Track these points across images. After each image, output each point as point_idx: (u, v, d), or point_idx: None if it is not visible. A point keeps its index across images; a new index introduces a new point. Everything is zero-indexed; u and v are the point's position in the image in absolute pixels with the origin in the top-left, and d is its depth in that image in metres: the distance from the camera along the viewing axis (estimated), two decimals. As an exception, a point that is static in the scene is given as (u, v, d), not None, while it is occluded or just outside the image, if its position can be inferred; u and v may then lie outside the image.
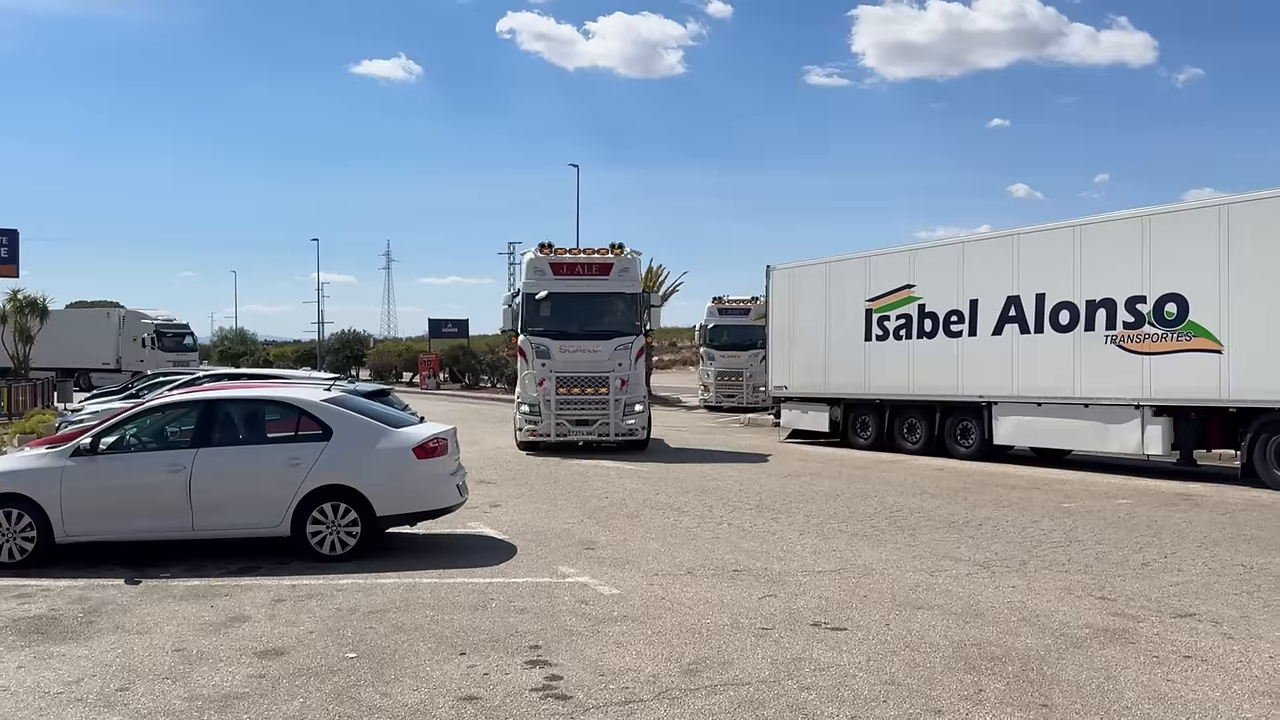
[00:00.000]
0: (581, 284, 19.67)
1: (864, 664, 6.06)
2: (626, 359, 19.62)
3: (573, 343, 19.53)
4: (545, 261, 19.78)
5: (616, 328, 19.79)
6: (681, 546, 9.87)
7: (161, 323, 53.86)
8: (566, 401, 19.42)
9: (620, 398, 19.52)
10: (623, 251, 19.94)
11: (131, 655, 6.36)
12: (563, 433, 19.47)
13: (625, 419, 19.59)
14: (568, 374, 19.45)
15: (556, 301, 19.61)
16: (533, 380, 19.48)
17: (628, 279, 19.98)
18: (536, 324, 19.61)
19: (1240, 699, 5.42)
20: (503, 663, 6.08)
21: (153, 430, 9.61)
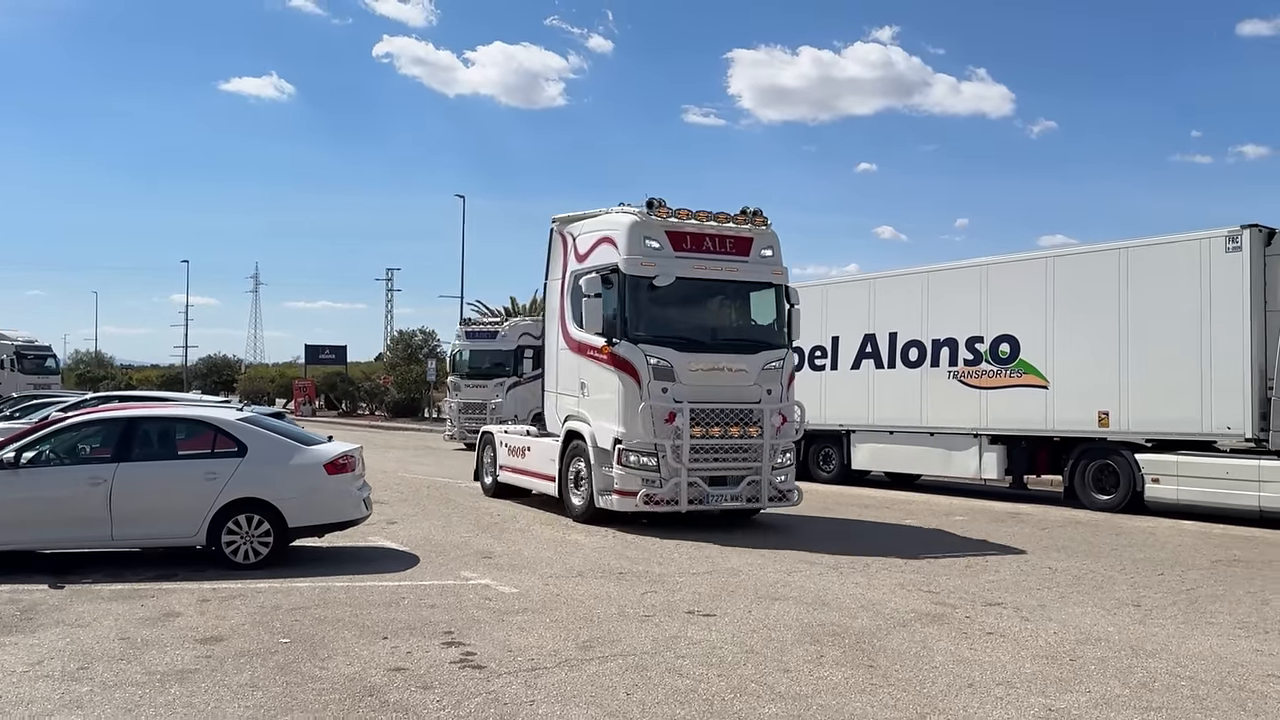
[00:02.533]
0: (714, 266, 13.18)
1: (729, 640, 7.25)
2: (778, 383, 13.21)
3: (706, 357, 12.90)
4: (659, 228, 12.91)
5: (763, 337, 13.53)
6: (571, 555, 10.93)
7: (22, 344, 51.88)
8: (704, 449, 12.55)
9: (776, 443, 12.96)
10: (765, 222, 13.55)
11: (80, 643, 7.05)
12: (698, 497, 12.54)
13: (777, 473, 13.07)
14: (703, 405, 12.54)
15: (683, 293, 13.10)
16: (649, 414, 12.32)
17: (772, 262, 13.60)
18: (648, 326, 12.78)
19: (1024, 661, 6.82)
20: (421, 644, 7.02)
21: (73, 445, 10.15)
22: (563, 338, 14.11)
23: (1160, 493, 15.13)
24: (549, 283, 14.96)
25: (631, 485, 12.44)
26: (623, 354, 12.70)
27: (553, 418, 14.52)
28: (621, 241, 12.97)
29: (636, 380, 12.56)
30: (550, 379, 14.67)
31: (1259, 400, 14.07)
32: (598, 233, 13.61)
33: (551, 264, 14.81)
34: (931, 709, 5.74)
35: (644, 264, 12.80)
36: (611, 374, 12.79)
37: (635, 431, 12.46)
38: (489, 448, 16.84)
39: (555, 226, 14.82)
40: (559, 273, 14.50)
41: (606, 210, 13.82)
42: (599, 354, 13.02)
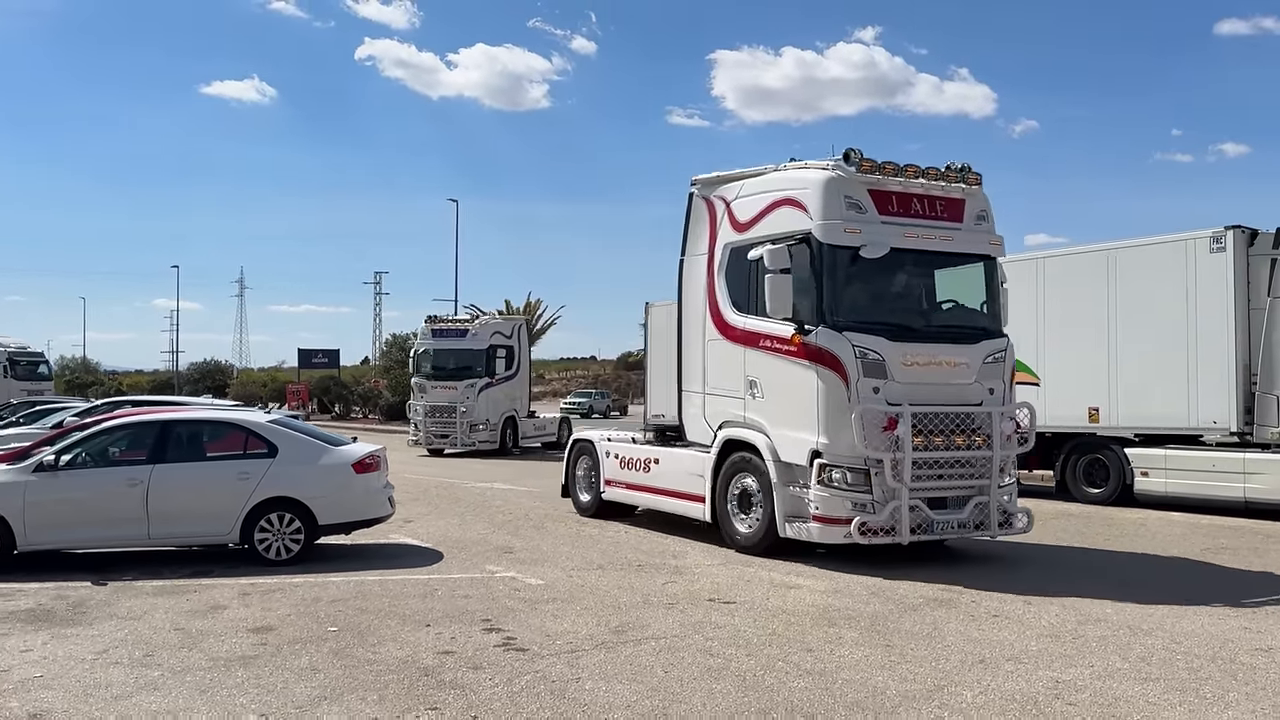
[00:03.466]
0: (925, 235, 10.59)
1: (751, 624, 7.69)
2: (1001, 381, 10.65)
3: (922, 349, 10.35)
4: (861, 186, 10.34)
5: (981, 322, 11.04)
6: (589, 549, 11.36)
7: (14, 351, 51.90)
8: (926, 464, 10.03)
9: (1006, 453, 10.43)
10: (977, 180, 10.92)
11: (138, 634, 7.43)
12: (922, 524, 9.98)
13: (1002, 492, 10.49)
14: (924, 408, 10.00)
15: (890, 268, 10.63)
16: (862, 420, 9.72)
17: (987, 230, 11.08)
18: (852, 309, 10.29)
19: (1030, 639, 7.28)
20: (463, 631, 7.44)
21: (110, 448, 10.52)
22: (713, 325, 11.47)
23: (1149, 485, 15.64)
24: (687, 259, 12.22)
25: (838, 510, 9.84)
26: (823, 345, 10.04)
27: (696, 424, 11.93)
28: (814, 202, 10.33)
29: (843, 378, 9.92)
30: (691, 377, 12.03)
31: (1243, 395, 14.60)
32: (771, 193, 10.95)
33: (691, 236, 12.19)
34: (948, 681, 6.19)
35: (847, 230, 10.17)
36: (805, 370, 10.17)
37: (842, 442, 9.83)
38: (584, 459, 14.45)
39: (696, 191, 12.17)
40: (703, 246, 11.86)
41: (777, 166, 11.20)
42: (784, 345, 10.41)
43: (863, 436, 9.73)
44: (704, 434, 11.77)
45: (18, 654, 6.90)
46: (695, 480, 11.70)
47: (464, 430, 27.69)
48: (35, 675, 6.37)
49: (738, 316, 11.22)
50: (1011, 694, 5.95)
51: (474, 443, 27.73)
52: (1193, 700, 5.86)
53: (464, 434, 27.73)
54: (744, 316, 11.12)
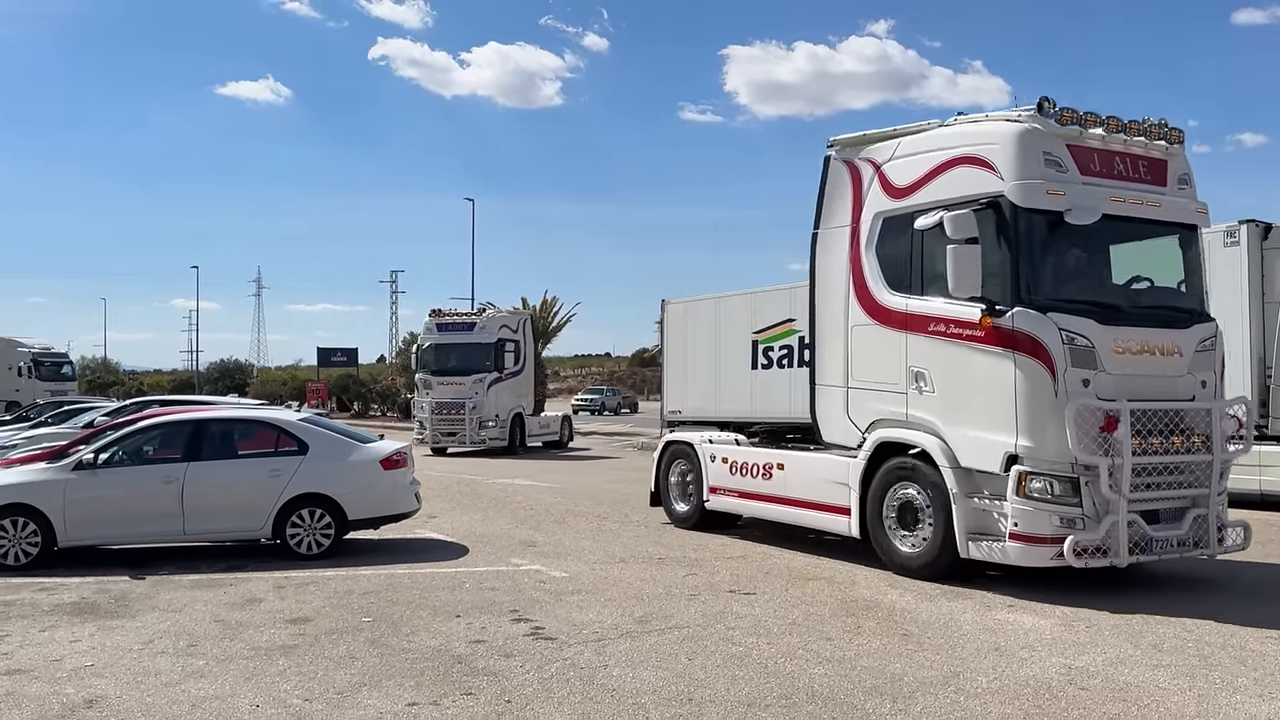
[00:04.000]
0: (1132, 199, 9.12)
1: (772, 614, 7.91)
2: (1212, 372, 9.21)
3: (1133, 333, 8.87)
4: (1059, 142, 8.88)
5: (1188, 303, 9.52)
6: (610, 543, 11.60)
7: (39, 351, 52.63)
8: (1144, 471, 8.59)
9: (1226, 457, 9.03)
10: (1179, 138, 9.48)
11: (181, 625, 7.72)
12: (1140, 541, 8.53)
13: (1219, 501, 9.08)
14: (1141, 403, 8.58)
15: (1093, 237, 9.15)
16: (1075, 419, 8.27)
17: (1190, 196, 9.56)
18: (1053, 285, 8.90)
19: (1044, 628, 7.48)
20: (493, 621, 7.69)
21: (146, 446, 10.82)
22: (860, 308, 9.95)
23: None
24: (822, 233, 10.59)
25: (1041, 527, 8.31)
26: (1023, 328, 8.45)
27: (836, 424, 10.36)
28: (1005, 159, 8.79)
29: (1047, 367, 8.38)
30: (829, 369, 10.45)
31: (1259, 388, 14.70)
32: (942, 151, 9.37)
33: (828, 206, 10.55)
34: (964, 668, 6.40)
35: (1050, 192, 8.67)
36: (997, 359, 8.58)
37: (1048, 445, 8.34)
38: (679, 463, 13.08)
39: (835, 153, 10.52)
40: (844, 217, 10.28)
41: (943, 122, 9.70)
42: (966, 330, 8.83)
43: (1077, 438, 8.21)
44: (847, 435, 10.17)
45: (67, 644, 7.19)
46: (835, 489, 10.15)
47: (473, 427, 26.92)
48: (86, 664, 6.65)
49: (895, 297, 9.61)
50: (1025, 679, 6.16)
51: (483, 440, 27.05)
52: (1202, 685, 6.04)
53: (473, 431, 26.95)
54: (905, 297, 9.50)
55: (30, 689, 6.12)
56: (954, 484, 8.90)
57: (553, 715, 5.54)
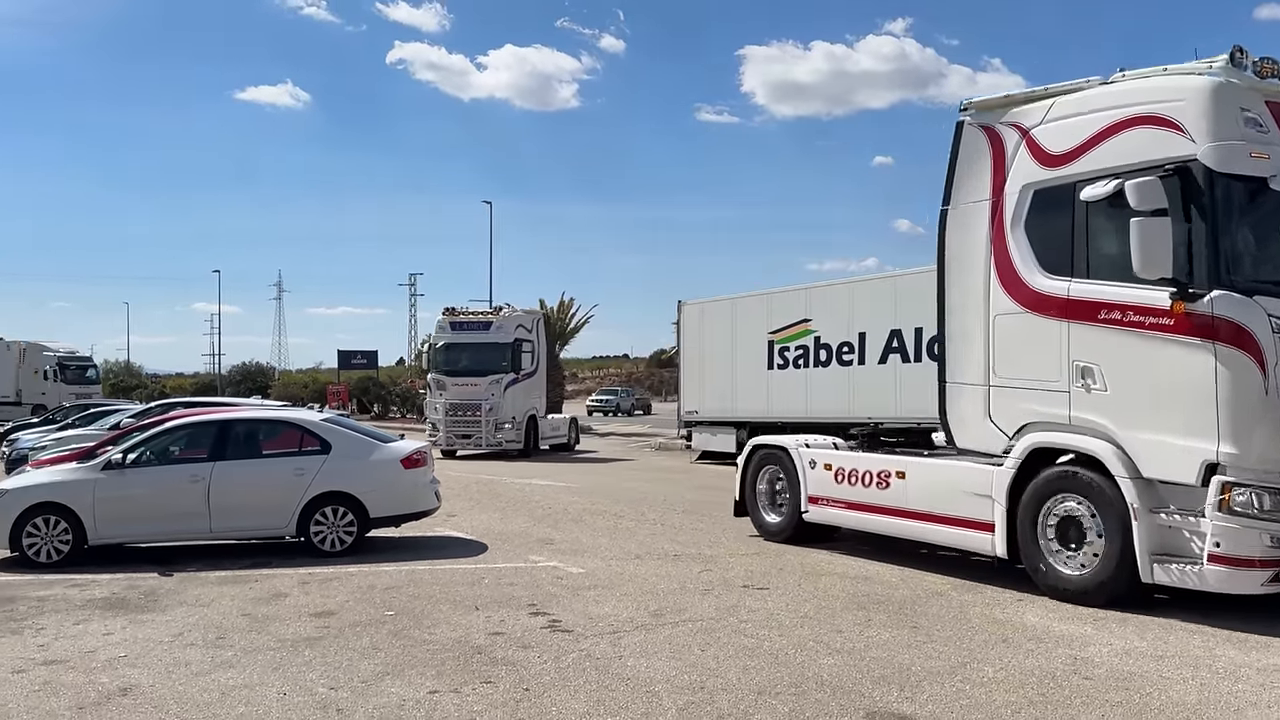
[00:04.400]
0: None
1: (784, 608, 8.07)
2: None
3: None
4: (1258, 98, 7.87)
5: None
6: (626, 540, 11.78)
7: (64, 355, 53.42)
8: None
9: None
10: None
11: (209, 619, 7.95)
12: None
13: None
14: None
15: None
16: None
17: None
18: (1254, 265, 7.78)
19: (1052, 621, 7.61)
20: (511, 614, 7.89)
21: (173, 446, 11.10)
22: (1005, 294, 8.81)
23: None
24: (956, 210, 9.40)
25: (1249, 548, 7.26)
26: (1225, 314, 7.37)
27: (973, 427, 9.16)
28: (1196, 118, 7.71)
29: (1256, 360, 7.31)
30: (963, 364, 9.27)
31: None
32: (1112, 111, 8.29)
33: (962, 180, 9.37)
34: (971, 659, 6.55)
35: (1254, 155, 7.60)
36: (1193, 351, 7.50)
37: (1255, 451, 7.31)
38: (768, 469, 11.65)
39: (970, 118, 9.37)
40: (982, 190, 9.13)
41: (1108, 79, 8.65)
42: (1151, 317, 7.75)
43: None
44: (988, 439, 9.00)
45: (100, 637, 7.43)
46: (973, 502, 8.90)
47: (489, 430, 26.22)
48: (119, 655, 6.89)
49: (1052, 281, 8.49)
50: (1031, 670, 6.30)
51: (500, 443, 26.28)
52: (1204, 675, 6.17)
53: (489, 434, 26.24)
54: (1065, 280, 8.40)
55: (67, 678, 6.36)
56: (1134, 497, 7.71)
57: (569, 702, 5.72)
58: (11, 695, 6.01)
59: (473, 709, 5.62)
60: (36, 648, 7.14)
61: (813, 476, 10.99)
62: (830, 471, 10.78)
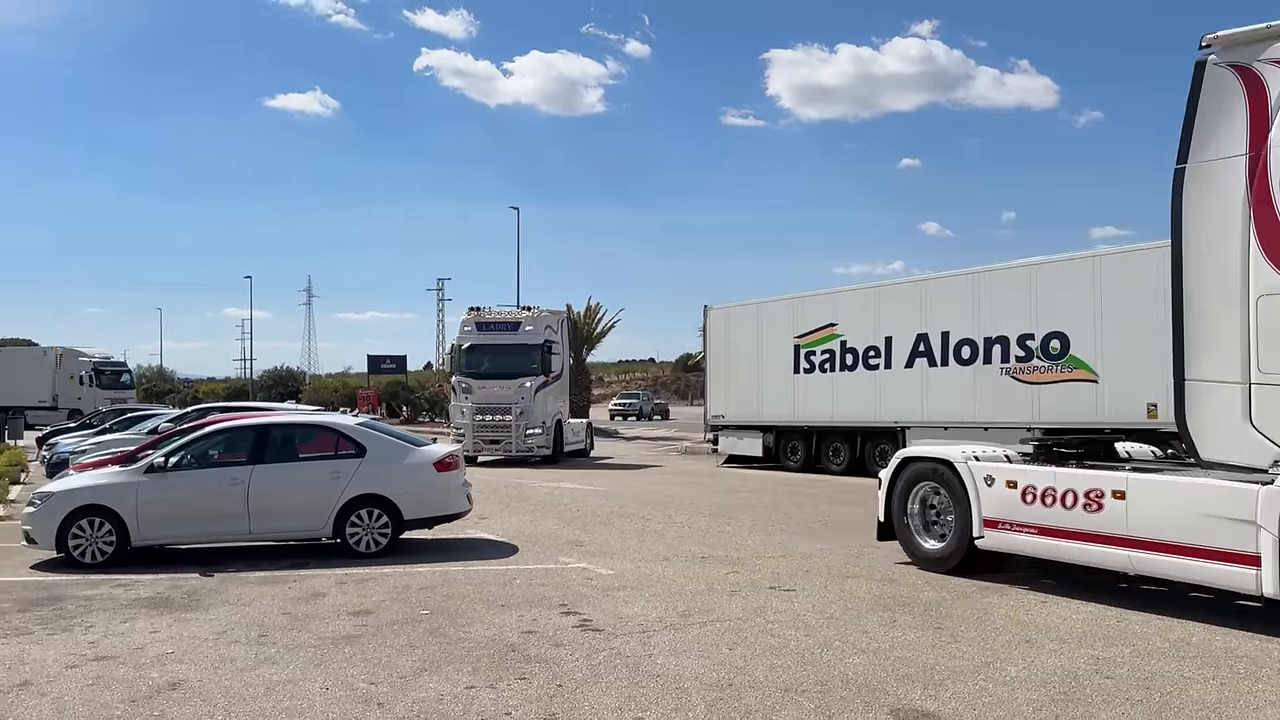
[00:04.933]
0: None
1: (810, 609, 8.22)
2: None
3: None
4: None
5: None
6: (654, 543, 11.95)
7: (99, 360, 54.26)
8: None
9: None
10: None
11: (251, 617, 8.20)
12: None
13: None
14: None
15: None
16: None
17: None
18: None
19: (1075, 622, 7.71)
20: (543, 614, 8.08)
21: (212, 450, 11.39)
22: (1273, 269, 7.34)
23: (1209, 480, 15.76)
24: (1197, 168, 7.89)
25: None
26: None
27: (1230, 433, 7.65)
28: None
29: None
30: (1211, 357, 7.81)
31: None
32: None
33: (1205, 132, 7.86)
34: (994, 658, 6.67)
35: None
36: None
37: None
38: (927, 485, 9.96)
39: (1215, 58, 7.85)
40: (1239, 144, 7.62)
41: None
42: None
43: None
44: (1249, 450, 7.49)
45: (147, 634, 7.69)
46: (1229, 528, 7.32)
47: (519, 435, 25.51)
48: (167, 652, 7.14)
49: None
50: (1053, 670, 6.41)
51: (530, 448, 25.63)
52: (1225, 675, 6.26)
53: (519, 439, 25.52)
54: None
55: (118, 673, 6.61)
56: None
57: (601, 698, 5.90)
58: (67, 689, 6.27)
59: (508, 704, 5.81)
60: (87, 644, 7.40)
61: (989, 496, 9.28)
62: (1015, 490, 9.05)
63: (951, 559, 9.64)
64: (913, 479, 10.15)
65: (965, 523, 9.46)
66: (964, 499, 9.48)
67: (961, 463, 9.58)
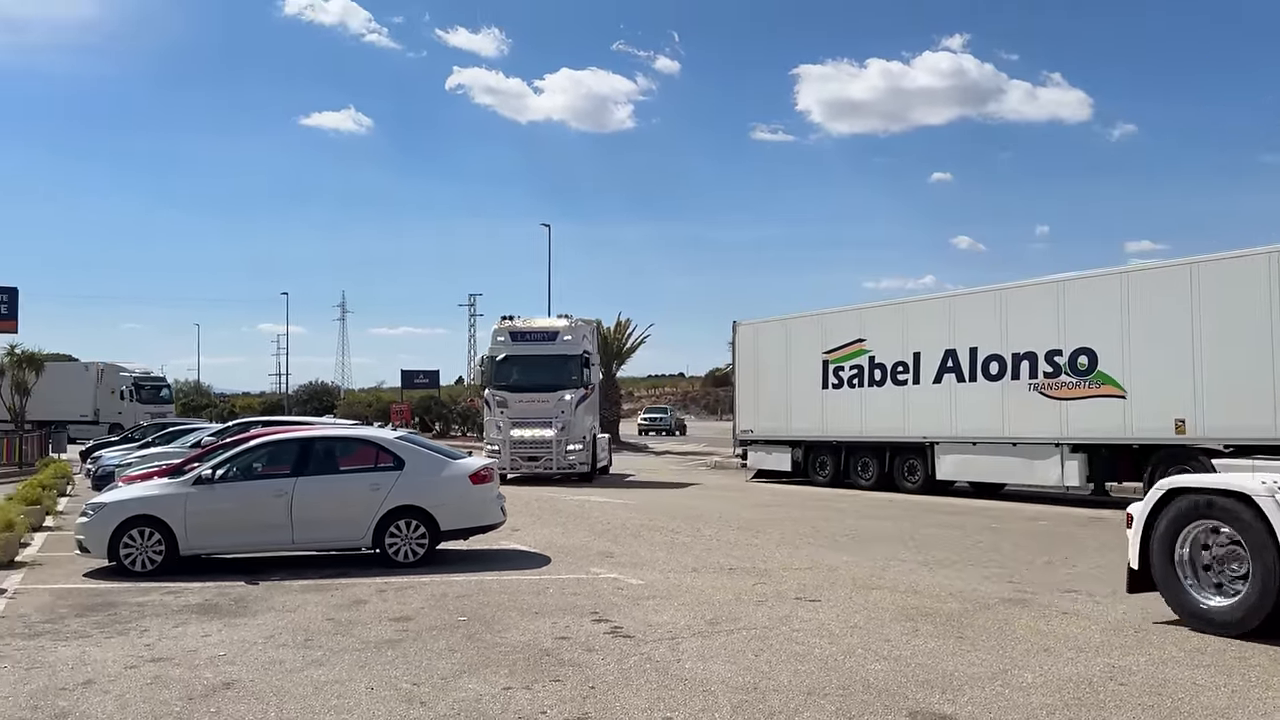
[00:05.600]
0: None
1: (835, 618, 8.46)
2: None
3: None
4: None
5: None
6: (683, 554, 12.23)
7: (139, 376, 55.39)
8: None
9: None
10: None
11: (297, 623, 8.56)
12: None
13: None
14: None
15: None
16: None
17: None
18: None
19: (1094, 633, 7.90)
20: (575, 621, 8.38)
21: (257, 463, 11.81)
22: None
23: (1237, 496, 15.78)
24: None
25: None
26: None
27: None
28: None
29: None
30: None
31: (1332, 405, 14.59)
32: None
33: None
34: (1012, 666, 6.89)
35: None
36: None
37: None
38: (1201, 525, 7.91)
39: None
40: None
41: None
42: None
43: None
44: None
45: (199, 638, 8.07)
46: None
47: (560, 452, 24.37)
48: (219, 654, 7.51)
49: None
50: (1069, 676, 6.62)
51: (571, 465, 24.48)
52: (1237, 683, 6.44)
53: (560, 456, 24.37)
54: None
55: (174, 673, 6.98)
56: None
57: (632, 699, 6.19)
58: (128, 687, 6.64)
59: (543, 703, 6.11)
60: (143, 646, 7.79)
61: None
62: None
63: (1247, 620, 7.52)
64: (1182, 517, 8.04)
65: (1272, 574, 7.35)
66: (1269, 543, 7.34)
67: (1265, 497, 7.44)
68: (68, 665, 7.22)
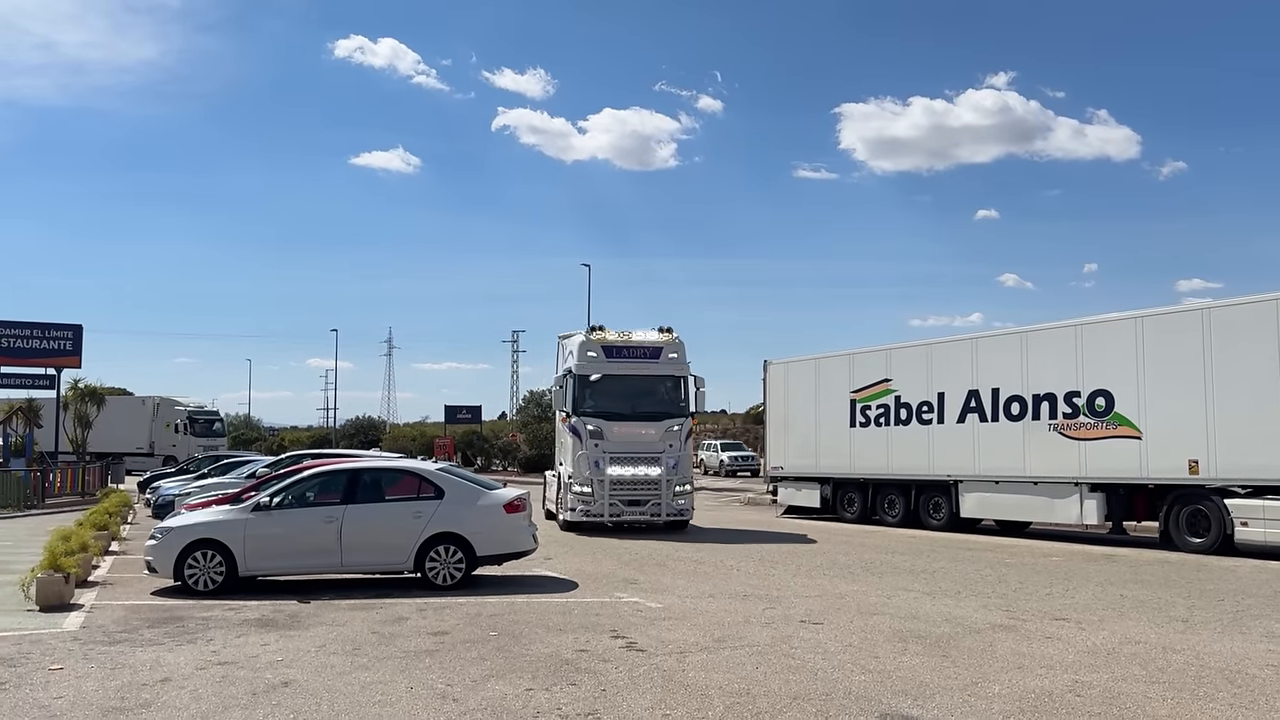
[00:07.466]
0: None
1: (833, 639, 9.23)
2: None
3: None
4: None
5: None
6: (703, 582, 13.03)
7: (193, 410, 57.31)
8: None
9: None
10: None
11: (344, 635, 9.50)
12: None
13: None
14: None
15: None
16: None
17: None
18: None
19: (1069, 654, 8.59)
20: (595, 637, 9.23)
21: (310, 492, 12.84)
22: None
23: (1249, 535, 16.30)
24: None
25: None
26: None
27: None
28: None
29: None
30: None
31: None
32: None
33: None
34: (983, 678, 7.62)
35: None
36: None
37: None
38: None
39: None
40: None
41: None
42: None
43: None
44: None
45: (259, 646, 9.03)
46: None
47: (669, 495, 20.11)
48: (277, 659, 8.46)
49: None
50: (1033, 689, 7.34)
51: (680, 510, 20.31)
52: (1185, 697, 7.13)
53: (668, 499, 20.09)
54: None
55: (239, 674, 7.93)
56: None
57: (638, 700, 7.02)
58: (200, 684, 7.60)
59: (559, 702, 6.97)
60: (210, 653, 8.76)
61: None
62: None
63: None
64: None
65: None
66: None
67: None
68: (146, 666, 8.20)
